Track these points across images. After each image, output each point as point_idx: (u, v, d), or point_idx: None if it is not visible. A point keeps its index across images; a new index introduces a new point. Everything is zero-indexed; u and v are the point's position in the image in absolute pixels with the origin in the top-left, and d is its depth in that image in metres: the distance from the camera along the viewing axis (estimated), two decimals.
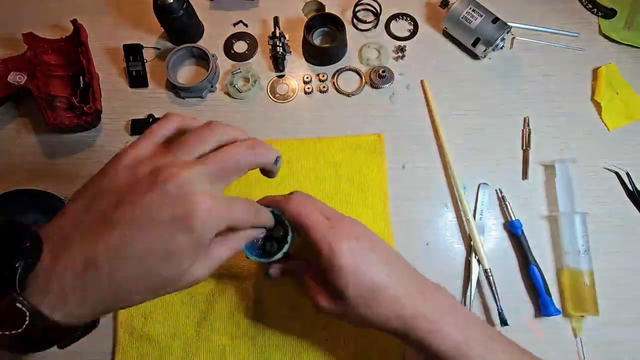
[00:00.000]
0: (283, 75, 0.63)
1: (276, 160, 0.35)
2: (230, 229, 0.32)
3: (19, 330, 0.25)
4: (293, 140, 0.59)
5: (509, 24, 0.60)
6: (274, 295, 0.52)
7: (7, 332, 0.25)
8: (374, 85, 0.61)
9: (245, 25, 0.66)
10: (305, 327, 0.51)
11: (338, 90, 0.62)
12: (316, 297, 0.39)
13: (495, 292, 0.52)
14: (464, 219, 0.55)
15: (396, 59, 0.64)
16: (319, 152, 0.58)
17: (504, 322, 0.50)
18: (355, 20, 0.66)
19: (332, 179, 0.57)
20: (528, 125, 0.60)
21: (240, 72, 0.62)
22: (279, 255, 0.40)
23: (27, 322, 0.25)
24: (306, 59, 0.64)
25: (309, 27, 0.62)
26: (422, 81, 0.62)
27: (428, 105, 0.61)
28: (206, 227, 0.28)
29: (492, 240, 0.55)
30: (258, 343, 0.50)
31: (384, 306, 0.37)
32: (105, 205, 0.28)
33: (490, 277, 0.52)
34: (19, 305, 0.25)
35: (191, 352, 0.50)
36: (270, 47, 0.63)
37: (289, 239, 0.40)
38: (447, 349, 0.36)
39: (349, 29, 0.65)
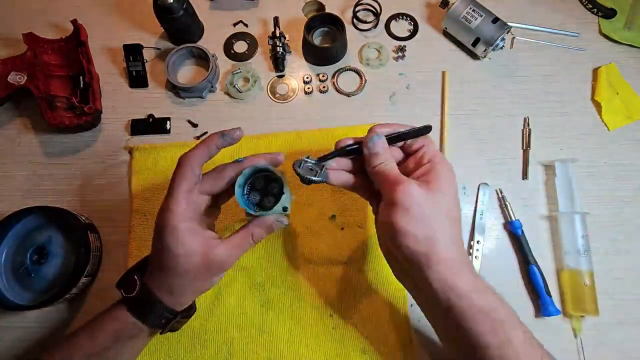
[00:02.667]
0: (283, 75, 0.63)
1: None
2: None
3: (132, 294, 0.40)
4: (294, 133, 0.59)
5: (509, 24, 0.60)
6: (281, 286, 0.53)
7: (125, 295, 0.41)
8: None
9: (245, 25, 0.66)
10: (312, 316, 0.51)
11: (338, 90, 0.62)
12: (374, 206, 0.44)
13: None
14: None
15: (396, 59, 0.64)
16: (321, 143, 0.58)
17: None
18: (355, 20, 0.66)
19: None
20: (528, 125, 0.60)
21: (240, 72, 0.62)
22: (278, 208, 0.42)
23: (137, 288, 0.40)
24: (306, 59, 0.64)
25: (309, 27, 0.62)
26: (443, 72, 0.62)
27: (443, 96, 0.61)
28: None
29: (492, 240, 0.55)
30: (266, 334, 0.51)
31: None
32: None
33: None
34: (135, 277, 0.41)
35: (200, 345, 0.50)
36: (270, 47, 0.63)
37: (284, 190, 0.42)
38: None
39: (349, 29, 0.64)
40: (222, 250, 0.41)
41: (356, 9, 0.65)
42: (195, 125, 0.60)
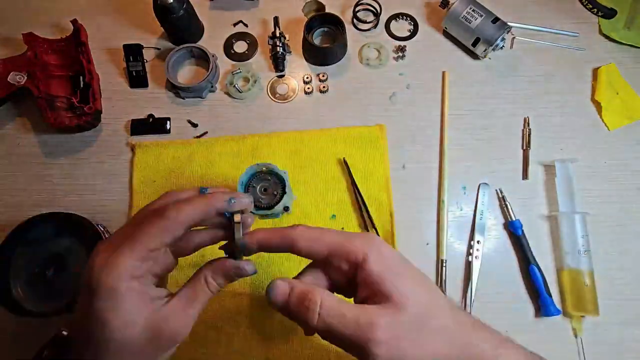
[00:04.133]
0: (283, 75, 0.63)
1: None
2: None
3: None
4: (295, 132, 0.59)
5: (509, 24, 0.60)
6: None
7: None
8: None
9: (245, 25, 0.66)
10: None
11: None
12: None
13: (444, 281, 0.53)
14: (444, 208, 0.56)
15: (396, 59, 0.64)
16: (322, 143, 0.59)
17: None
18: (355, 20, 0.66)
19: (335, 169, 0.57)
20: (528, 125, 0.60)
21: (240, 72, 0.62)
22: (279, 207, 0.41)
23: None
24: (306, 59, 0.64)
25: (309, 27, 0.62)
26: (443, 72, 0.62)
27: (443, 96, 0.61)
28: None
29: (492, 240, 0.55)
30: (265, 333, 0.51)
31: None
32: None
33: (444, 268, 0.53)
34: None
35: (198, 343, 0.51)
36: (270, 47, 0.63)
37: (286, 189, 0.43)
38: None
39: (349, 29, 0.64)
40: (175, 315, 0.31)
41: (356, 9, 0.65)
42: (195, 125, 0.60)
